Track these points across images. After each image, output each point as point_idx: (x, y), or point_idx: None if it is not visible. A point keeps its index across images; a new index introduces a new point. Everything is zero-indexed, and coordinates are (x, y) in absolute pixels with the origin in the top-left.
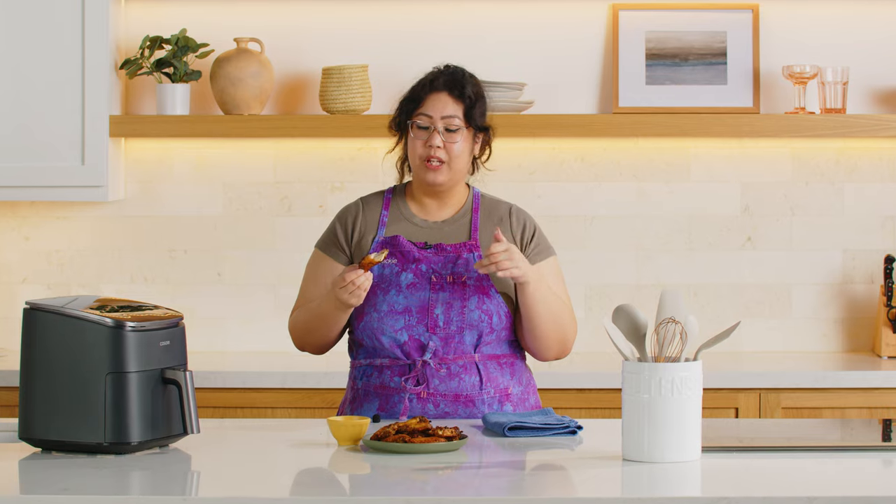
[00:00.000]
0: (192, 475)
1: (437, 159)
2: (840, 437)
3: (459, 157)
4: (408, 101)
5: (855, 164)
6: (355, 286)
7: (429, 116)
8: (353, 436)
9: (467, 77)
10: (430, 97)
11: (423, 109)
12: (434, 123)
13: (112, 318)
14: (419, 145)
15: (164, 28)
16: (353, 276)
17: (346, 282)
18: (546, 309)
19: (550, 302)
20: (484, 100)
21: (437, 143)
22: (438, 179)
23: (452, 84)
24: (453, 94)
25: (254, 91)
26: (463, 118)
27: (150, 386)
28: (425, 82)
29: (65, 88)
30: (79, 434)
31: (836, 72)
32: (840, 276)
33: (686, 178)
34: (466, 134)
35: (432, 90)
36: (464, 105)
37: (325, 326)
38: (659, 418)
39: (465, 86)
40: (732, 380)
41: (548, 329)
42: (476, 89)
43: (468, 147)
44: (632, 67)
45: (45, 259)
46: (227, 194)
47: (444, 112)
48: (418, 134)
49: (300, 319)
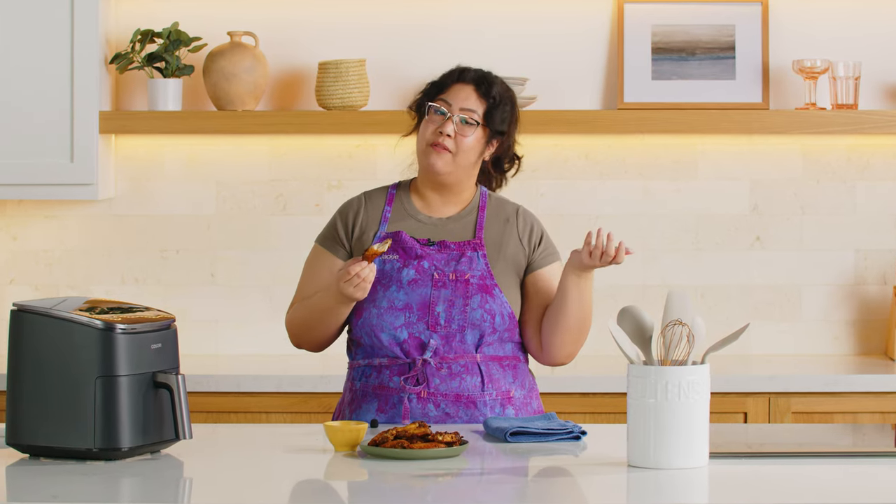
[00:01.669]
0: (185, 482)
1: (443, 146)
2: (852, 443)
3: (467, 152)
4: (433, 84)
5: (867, 161)
6: (360, 279)
7: (448, 104)
8: (351, 441)
9: (498, 80)
10: (455, 86)
11: (444, 95)
12: (452, 111)
13: (102, 320)
14: (430, 129)
15: (155, 21)
16: (357, 268)
17: (351, 275)
18: (580, 308)
19: (586, 307)
20: (508, 106)
21: (448, 130)
22: (438, 164)
23: (481, 80)
24: (479, 90)
25: (248, 86)
26: (482, 116)
27: (142, 390)
28: (455, 71)
29: (53, 83)
30: (68, 440)
31: (847, 66)
32: (852, 276)
33: (693, 175)
34: (481, 133)
35: (459, 80)
36: (487, 104)
37: (325, 322)
38: (665, 423)
39: (493, 85)
40: (741, 384)
41: (571, 328)
42: (503, 93)
43: (479, 147)
44: (637, 62)
45: (32, 259)
46: (220, 193)
47: (464, 104)
48: (433, 118)
49: (298, 316)
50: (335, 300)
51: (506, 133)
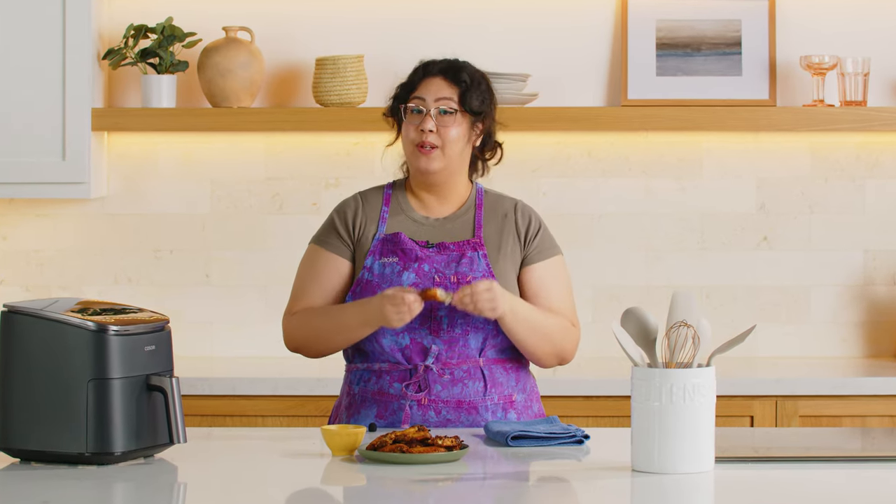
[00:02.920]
0: (179, 487)
1: (429, 144)
2: (861, 447)
3: (454, 142)
4: (402, 86)
5: (876, 159)
6: (408, 310)
7: (422, 99)
8: (348, 445)
9: (464, 64)
10: (424, 81)
11: (416, 93)
12: (427, 106)
13: (94, 321)
14: (412, 129)
15: (149, 16)
16: (412, 297)
17: (405, 303)
18: (532, 334)
19: (538, 327)
20: (483, 85)
21: (429, 126)
22: (432, 166)
23: (447, 69)
24: (448, 78)
25: (243, 83)
26: (458, 102)
27: (135, 393)
28: (420, 68)
29: (44, 79)
30: (59, 444)
31: (856, 62)
32: (861, 277)
33: (698, 174)
34: (462, 119)
35: (427, 75)
36: (459, 89)
37: (344, 337)
38: (670, 427)
39: (461, 71)
40: (747, 387)
41: (536, 345)
42: (473, 75)
43: (464, 133)
44: (641, 58)
45: (23, 259)
46: (215, 191)
47: (438, 94)
48: (412, 119)
49: (310, 325)
50: (361, 320)
51: (486, 113)
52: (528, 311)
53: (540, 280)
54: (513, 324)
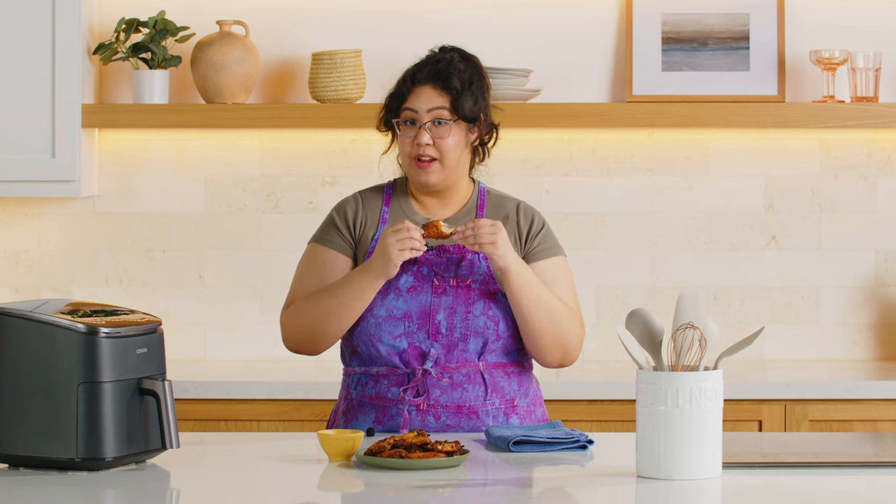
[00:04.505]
0: (171, 493)
1: (427, 157)
2: (872, 453)
3: (451, 152)
4: (392, 97)
5: (888, 156)
6: (410, 237)
7: (414, 111)
8: (346, 451)
9: (454, 65)
10: (414, 91)
11: (407, 104)
12: (420, 119)
13: (85, 323)
14: (408, 143)
15: (140, 10)
16: (411, 224)
17: (406, 225)
18: (537, 306)
19: (544, 300)
20: (474, 84)
21: (425, 140)
22: (431, 180)
23: (436, 75)
24: (437, 86)
25: (238, 78)
26: (451, 110)
27: (126, 397)
28: (407, 76)
29: (33, 75)
30: (49, 449)
31: (867, 57)
32: (872, 278)
33: (705, 172)
34: (457, 127)
35: (415, 84)
36: (450, 97)
37: (346, 312)
38: (676, 432)
39: (451, 76)
40: (755, 390)
41: (541, 327)
42: (462, 76)
43: (461, 140)
44: (647, 52)
45: (12, 259)
46: (209, 190)
47: (429, 104)
48: (406, 131)
49: (308, 308)
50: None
51: (481, 109)
52: (537, 281)
53: (541, 278)
54: (518, 286)
